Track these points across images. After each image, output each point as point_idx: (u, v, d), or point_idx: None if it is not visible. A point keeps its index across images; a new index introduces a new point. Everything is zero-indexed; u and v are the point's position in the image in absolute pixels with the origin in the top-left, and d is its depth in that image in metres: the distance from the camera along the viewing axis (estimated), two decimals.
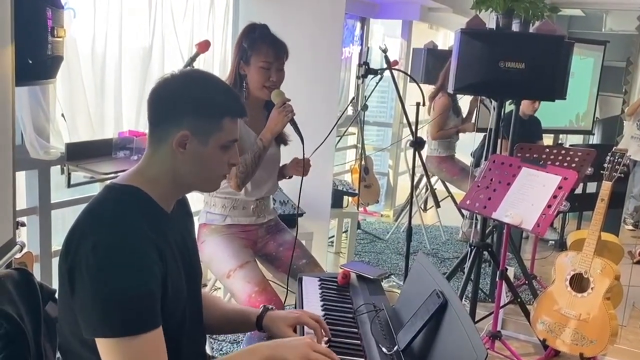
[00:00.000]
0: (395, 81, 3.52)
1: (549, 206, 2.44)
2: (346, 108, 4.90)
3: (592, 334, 2.58)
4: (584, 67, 4.88)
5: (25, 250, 2.17)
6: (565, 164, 2.94)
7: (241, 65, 2.19)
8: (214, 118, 1.27)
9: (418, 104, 3.03)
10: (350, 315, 1.63)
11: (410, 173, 3.16)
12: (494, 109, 3.10)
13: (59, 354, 1.34)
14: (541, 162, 2.67)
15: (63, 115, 2.59)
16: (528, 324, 2.93)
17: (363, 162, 4.75)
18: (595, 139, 5.41)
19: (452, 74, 2.84)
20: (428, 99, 4.59)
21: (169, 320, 1.25)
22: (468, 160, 4.71)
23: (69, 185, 2.56)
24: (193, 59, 2.56)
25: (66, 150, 2.51)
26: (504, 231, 2.94)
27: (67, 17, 2.30)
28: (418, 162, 3.08)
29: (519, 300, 3.04)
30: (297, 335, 1.44)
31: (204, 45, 2.56)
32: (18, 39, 1.76)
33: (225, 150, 1.30)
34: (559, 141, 5.34)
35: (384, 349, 1.42)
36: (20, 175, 2.48)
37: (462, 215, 4.71)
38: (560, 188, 2.46)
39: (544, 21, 2.91)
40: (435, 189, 4.60)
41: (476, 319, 2.99)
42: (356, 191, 4.44)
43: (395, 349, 1.40)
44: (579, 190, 4.01)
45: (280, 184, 2.49)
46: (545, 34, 2.79)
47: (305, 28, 3.32)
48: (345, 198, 4.20)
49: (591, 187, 4.13)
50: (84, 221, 1.22)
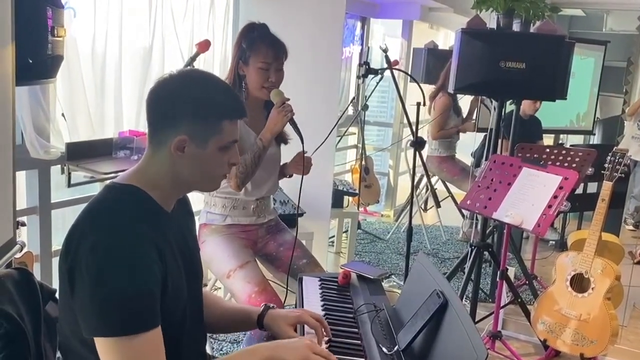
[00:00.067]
0: (395, 81, 3.52)
1: (549, 206, 2.43)
2: (346, 108, 4.89)
3: (593, 334, 2.58)
4: (584, 67, 4.88)
5: (25, 250, 2.17)
6: (566, 164, 2.94)
7: (240, 65, 2.18)
8: (213, 121, 1.25)
9: (418, 104, 3.03)
10: (351, 315, 1.63)
11: (411, 173, 3.16)
12: (495, 109, 3.10)
13: (59, 354, 1.33)
14: (542, 162, 2.67)
15: (63, 114, 2.59)
16: (528, 324, 2.93)
17: (363, 162, 4.75)
18: (595, 139, 5.40)
19: (453, 73, 2.84)
20: (428, 98, 4.59)
21: (169, 320, 1.25)
22: (468, 160, 4.70)
23: (69, 185, 2.56)
24: (193, 59, 2.56)
25: (66, 149, 2.51)
26: (505, 231, 2.93)
27: (68, 17, 2.30)
28: (418, 162, 3.08)
29: (520, 300, 3.04)
30: (298, 335, 1.44)
31: (204, 45, 2.56)
32: (18, 39, 1.75)
33: (225, 151, 1.29)
34: (560, 141, 5.33)
35: (385, 349, 1.42)
36: (21, 175, 2.48)
37: (463, 215, 4.70)
38: (560, 188, 2.45)
39: (544, 21, 2.91)
40: (436, 189, 4.59)
41: (476, 319, 2.99)
42: (356, 191, 4.43)
43: (395, 349, 1.40)
44: (579, 191, 4.01)
45: (280, 183, 2.49)
46: (545, 34, 2.79)
47: (306, 28, 3.32)
48: (346, 198, 4.20)
49: (592, 187, 4.14)
50: (84, 221, 1.22)
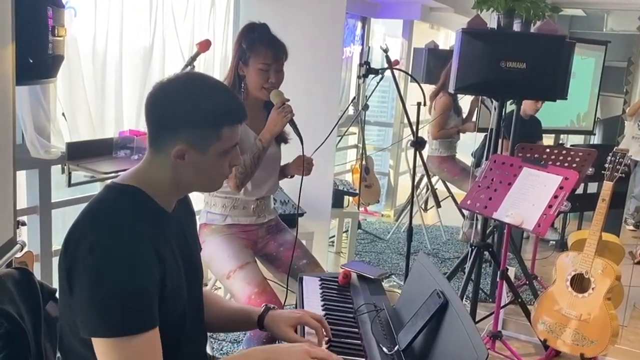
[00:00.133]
0: (396, 81, 3.52)
1: (549, 206, 2.43)
2: (347, 108, 4.89)
3: (593, 334, 2.58)
4: (585, 67, 4.88)
5: (25, 249, 2.17)
6: (566, 164, 2.94)
7: (240, 66, 2.17)
8: (212, 129, 1.24)
9: (419, 104, 3.03)
10: (351, 315, 1.63)
11: (411, 173, 3.16)
12: (495, 109, 3.10)
13: (59, 354, 1.33)
14: (542, 162, 2.67)
15: (64, 114, 2.59)
16: (529, 324, 2.93)
17: (364, 162, 4.74)
18: (596, 139, 5.39)
19: (453, 73, 2.84)
20: (429, 98, 4.59)
21: (169, 320, 1.24)
22: (469, 160, 4.70)
23: (70, 184, 2.56)
24: (194, 59, 2.56)
25: (67, 149, 2.51)
26: (505, 231, 2.93)
27: (68, 16, 2.30)
28: (419, 162, 3.08)
29: (520, 300, 3.04)
30: (298, 336, 1.44)
31: (205, 45, 2.56)
32: (19, 38, 1.75)
33: (226, 155, 1.28)
34: (560, 141, 5.33)
35: (385, 349, 1.42)
36: (21, 175, 2.48)
37: (463, 215, 4.70)
38: (561, 188, 2.45)
39: (545, 21, 2.91)
40: (436, 189, 4.58)
41: (477, 319, 2.99)
42: (357, 191, 4.43)
43: (395, 349, 1.40)
44: (579, 191, 4.01)
45: (281, 183, 2.49)
46: (546, 34, 2.78)
47: (306, 28, 3.32)
48: (346, 198, 4.19)
49: (592, 188, 4.14)
50: (84, 221, 1.22)
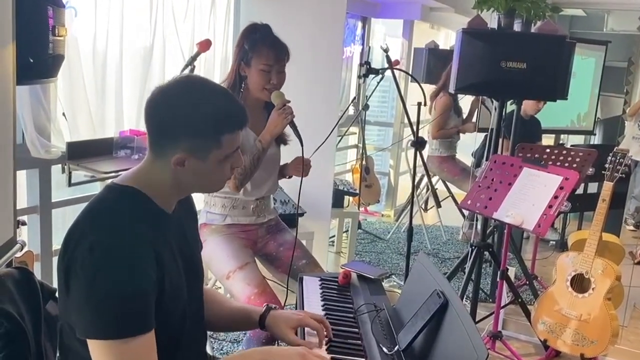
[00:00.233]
0: (396, 81, 3.52)
1: (550, 206, 2.43)
2: (347, 108, 4.89)
3: (593, 334, 2.58)
4: (585, 67, 4.88)
5: (25, 249, 2.17)
6: (567, 164, 2.94)
7: (242, 66, 2.17)
8: (212, 137, 1.23)
9: (419, 104, 3.02)
10: (351, 315, 1.63)
11: (411, 173, 3.16)
12: (495, 109, 3.10)
13: (59, 353, 1.33)
14: (542, 162, 2.67)
15: (64, 114, 2.59)
16: (529, 324, 2.93)
17: (364, 162, 4.74)
18: (596, 139, 5.40)
19: (454, 73, 2.84)
20: (429, 98, 4.59)
21: (169, 320, 1.25)
22: (469, 160, 4.70)
23: (70, 184, 2.56)
24: (194, 59, 2.56)
25: (67, 149, 2.51)
26: (505, 231, 2.93)
27: (69, 16, 2.30)
28: (419, 162, 3.08)
29: (520, 300, 3.04)
30: (298, 338, 1.44)
31: (205, 45, 2.56)
32: (19, 38, 1.75)
33: (227, 159, 1.28)
34: (560, 141, 5.33)
35: (385, 349, 1.42)
36: (21, 174, 2.48)
37: (463, 215, 4.70)
38: (561, 188, 2.45)
39: (545, 21, 2.91)
40: (436, 189, 4.59)
41: (477, 319, 2.98)
42: (357, 191, 4.43)
43: (396, 349, 1.40)
44: (580, 191, 4.01)
45: (281, 183, 2.49)
46: (546, 34, 2.78)
47: (307, 28, 3.31)
48: (346, 198, 4.19)
49: (592, 188, 4.14)
50: (83, 221, 1.21)
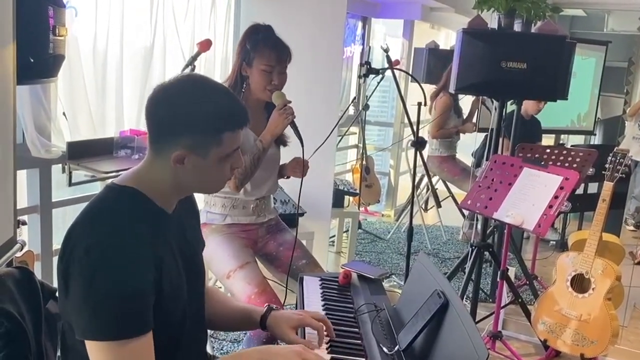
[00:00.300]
0: (396, 81, 3.52)
1: (550, 206, 2.43)
2: (347, 108, 4.89)
3: (593, 334, 2.58)
4: (585, 68, 4.88)
5: (26, 248, 2.17)
6: (567, 165, 2.94)
7: (243, 66, 2.17)
8: (213, 134, 1.23)
9: (419, 104, 3.03)
10: (352, 315, 1.63)
11: (412, 173, 3.16)
12: (496, 109, 3.10)
13: (59, 352, 1.33)
14: (542, 163, 2.67)
15: (64, 113, 2.59)
16: (529, 325, 2.93)
17: (364, 162, 4.74)
18: (596, 140, 5.40)
19: (454, 73, 2.84)
20: (429, 98, 4.59)
21: (169, 320, 1.25)
22: (469, 160, 4.70)
23: (70, 184, 2.56)
24: (194, 58, 2.55)
25: (67, 148, 2.51)
26: (505, 231, 2.93)
27: (69, 16, 2.30)
28: (419, 162, 3.08)
29: (520, 300, 3.04)
30: (298, 337, 1.44)
31: (206, 45, 2.56)
32: (19, 38, 1.75)
33: (227, 158, 1.27)
34: (561, 141, 5.33)
35: (385, 349, 1.42)
36: (22, 174, 2.48)
37: (463, 215, 4.70)
38: (561, 188, 2.45)
39: (545, 21, 2.91)
40: (437, 189, 4.59)
41: (477, 319, 2.99)
42: (357, 191, 4.43)
43: (396, 349, 1.40)
44: (580, 191, 4.01)
45: (281, 183, 2.49)
46: (547, 34, 2.78)
47: (307, 27, 3.31)
48: (346, 198, 4.19)
49: (592, 188, 4.14)
50: (82, 222, 1.21)
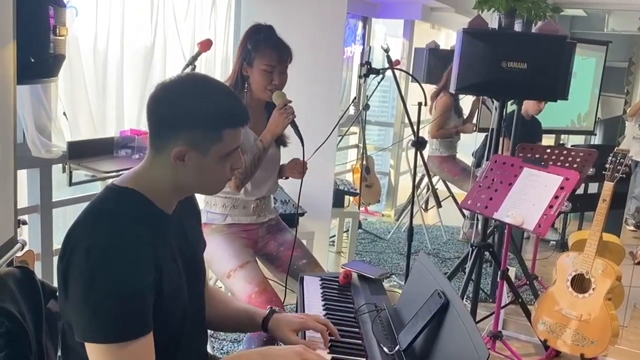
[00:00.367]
0: (397, 81, 3.52)
1: (550, 206, 2.43)
2: (348, 108, 4.89)
3: (593, 334, 2.58)
4: (586, 68, 4.88)
5: (26, 248, 2.17)
6: (567, 165, 2.94)
7: (244, 66, 2.18)
8: (214, 130, 1.23)
9: (420, 104, 3.03)
10: (352, 315, 1.63)
11: (412, 173, 3.16)
12: (496, 109, 3.10)
13: (60, 352, 1.33)
14: (543, 163, 2.67)
15: (65, 113, 2.59)
16: (529, 325, 2.93)
17: (364, 162, 4.74)
18: (596, 140, 5.40)
19: (454, 73, 2.84)
20: (430, 98, 4.59)
21: (169, 320, 1.25)
22: (469, 160, 4.70)
23: (71, 183, 2.56)
24: (195, 58, 2.56)
25: (68, 148, 2.51)
26: (505, 231, 2.93)
27: (70, 16, 2.30)
28: (419, 162, 3.08)
29: (520, 300, 3.04)
30: (298, 338, 1.45)
31: (206, 44, 2.56)
32: (20, 38, 1.76)
33: (227, 158, 1.27)
34: (561, 141, 5.34)
35: (386, 349, 1.42)
36: (22, 174, 2.48)
37: (464, 215, 4.70)
38: (561, 188, 2.45)
39: (546, 21, 2.91)
40: (437, 188, 4.59)
41: (477, 319, 2.99)
42: (357, 191, 4.43)
43: (396, 348, 1.40)
44: (580, 191, 4.01)
45: (281, 183, 2.49)
46: (547, 34, 2.79)
47: (307, 27, 3.31)
48: (347, 197, 4.19)
49: (593, 188, 4.14)
50: (82, 223, 1.21)
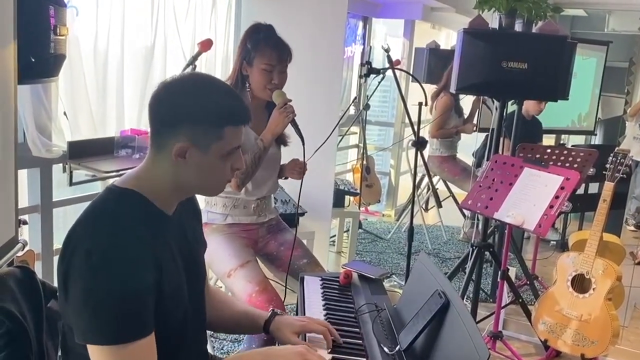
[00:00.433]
0: (397, 81, 3.52)
1: (550, 207, 2.43)
2: (348, 107, 4.89)
3: (594, 334, 2.58)
4: (586, 68, 4.88)
5: (27, 248, 2.17)
6: (567, 165, 2.94)
7: (244, 65, 2.18)
8: (215, 127, 1.23)
9: (420, 104, 3.03)
10: (352, 315, 1.63)
11: (412, 173, 3.16)
12: (496, 109, 3.10)
13: (60, 352, 1.33)
14: (543, 163, 2.67)
15: (65, 113, 2.59)
16: (529, 325, 2.93)
17: (365, 162, 4.74)
18: (597, 140, 5.40)
19: (455, 73, 2.84)
20: (430, 98, 4.59)
21: (170, 320, 1.24)
22: (470, 160, 4.70)
23: (71, 183, 2.56)
24: (195, 58, 2.56)
25: (68, 148, 2.51)
26: (506, 231, 2.93)
27: (70, 16, 2.30)
28: (420, 162, 3.08)
29: (521, 300, 3.04)
30: (299, 340, 1.45)
31: (206, 44, 2.56)
32: (21, 37, 1.76)
33: (228, 157, 1.27)
34: (561, 141, 5.34)
35: (386, 349, 1.42)
36: (22, 174, 2.48)
37: (464, 215, 4.70)
38: (562, 188, 2.45)
39: (546, 21, 2.91)
40: (437, 188, 4.59)
41: (477, 319, 2.98)
42: (358, 191, 4.43)
43: (397, 348, 1.40)
44: (580, 191, 4.01)
45: (281, 183, 2.49)
46: (548, 34, 2.79)
47: (308, 27, 3.31)
48: (347, 197, 4.19)
49: (593, 188, 4.14)
50: (82, 224, 1.21)
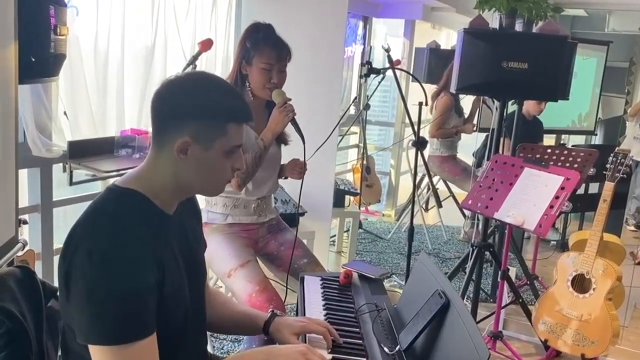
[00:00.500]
0: (397, 80, 3.52)
1: (551, 207, 2.43)
2: (348, 107, 4.89)
3: (594, 334, 2.58)
4: (586, 68, 4.88)
5: (27, 248, 2.17)
6: (568, 165, 2.94)
7: (243, 64, 2.18)
8: (218, 123, 1.23)
9: (420, 104, 3.03)
10: (352, 315, 1.63)
11: (412, 173, 3.16)
12: (497, 109, 3.10)
13: (60, 352, 1.33)
14: (543, 163, 2.67)
15: (65, 113, 2.60)
16: (529, 325, 2.93)
17: (365, 162, 4.74)
18: (597, 140, 5.40)
19: (455, 73, 2.84)
20: (430, 98, 4.59)
21: (171, 320, 1.24)
22: (470, 160, 4.70)
23: (71, 183, 2.56)
24: (195, 58, 2.56)
25: (68, 148, 2.52)
26: (506, 231, 2.93)
27: (70, 15, 2.30)
28: (420, 162, 3.08)
29: (521, 300, 3.04)
30: (299, 341, 1.44)
31: (207, 44, 2.56)
32: (21, 37, 1.76)
33: (229, 155, 1.27)
34: (561, 141, 5.34)
35: (386, 349, 1.42)
36: (23, 173, 2.48)
37: (464, 215, 4.70)
38: (562, 188, 2.45)
39: (547, 21, 2.91)
40: (437, 188, 4.59)
41: (477, 319, 2.98)
42: (358, 190, 4.43)
43: (397, 348, 1.40)
44: (581, 191, 4.01)
45: (282, 183, 2.49)
46: (548, 34, 2.79)
47: (308, 27, 3.31)
48: (347, 197, 4.19)
49: (593, 188, 4.14)
50: (83, 225, 1.21)
